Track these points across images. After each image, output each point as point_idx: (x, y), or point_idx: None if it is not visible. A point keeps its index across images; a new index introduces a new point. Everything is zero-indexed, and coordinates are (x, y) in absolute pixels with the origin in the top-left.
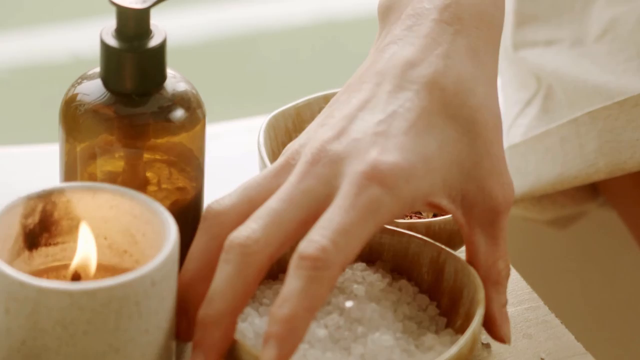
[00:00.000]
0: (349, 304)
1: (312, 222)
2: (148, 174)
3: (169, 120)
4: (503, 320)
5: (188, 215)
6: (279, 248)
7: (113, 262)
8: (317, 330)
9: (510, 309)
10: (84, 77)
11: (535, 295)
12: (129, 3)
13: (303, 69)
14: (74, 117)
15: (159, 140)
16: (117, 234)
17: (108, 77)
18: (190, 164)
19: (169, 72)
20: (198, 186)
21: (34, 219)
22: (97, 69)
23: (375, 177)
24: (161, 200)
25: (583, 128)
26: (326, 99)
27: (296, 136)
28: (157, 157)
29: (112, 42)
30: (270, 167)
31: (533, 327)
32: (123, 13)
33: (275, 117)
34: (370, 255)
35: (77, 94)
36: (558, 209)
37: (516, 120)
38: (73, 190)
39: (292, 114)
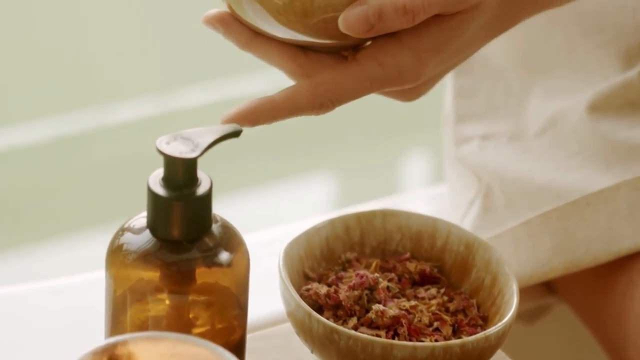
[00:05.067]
0: None
1: None
2: (191, 316)
3: (216, 265)
4: None
5: (235, 354)
6: None
7: None
8: None
9: None
10: (126, 228)
11: None
12: (178, 153)
13: None
14: (122, 265)
15: (205, 284)
16: None
17: (156, 225)
18: (232, 303)
19: None
20: (242, 324)
21: None
22: (138, 217)
23: None
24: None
25: (536, 229)
26: (333, 224)
27: (309, 264)
28: (201, 299)
29: (161, 191)
30: None
31: None
32: (172, 162)
33: (290, 246)
34: None
35: (123, 244)
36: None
37: (462, 222)
38: (135, 340)
39: (303, 242)
